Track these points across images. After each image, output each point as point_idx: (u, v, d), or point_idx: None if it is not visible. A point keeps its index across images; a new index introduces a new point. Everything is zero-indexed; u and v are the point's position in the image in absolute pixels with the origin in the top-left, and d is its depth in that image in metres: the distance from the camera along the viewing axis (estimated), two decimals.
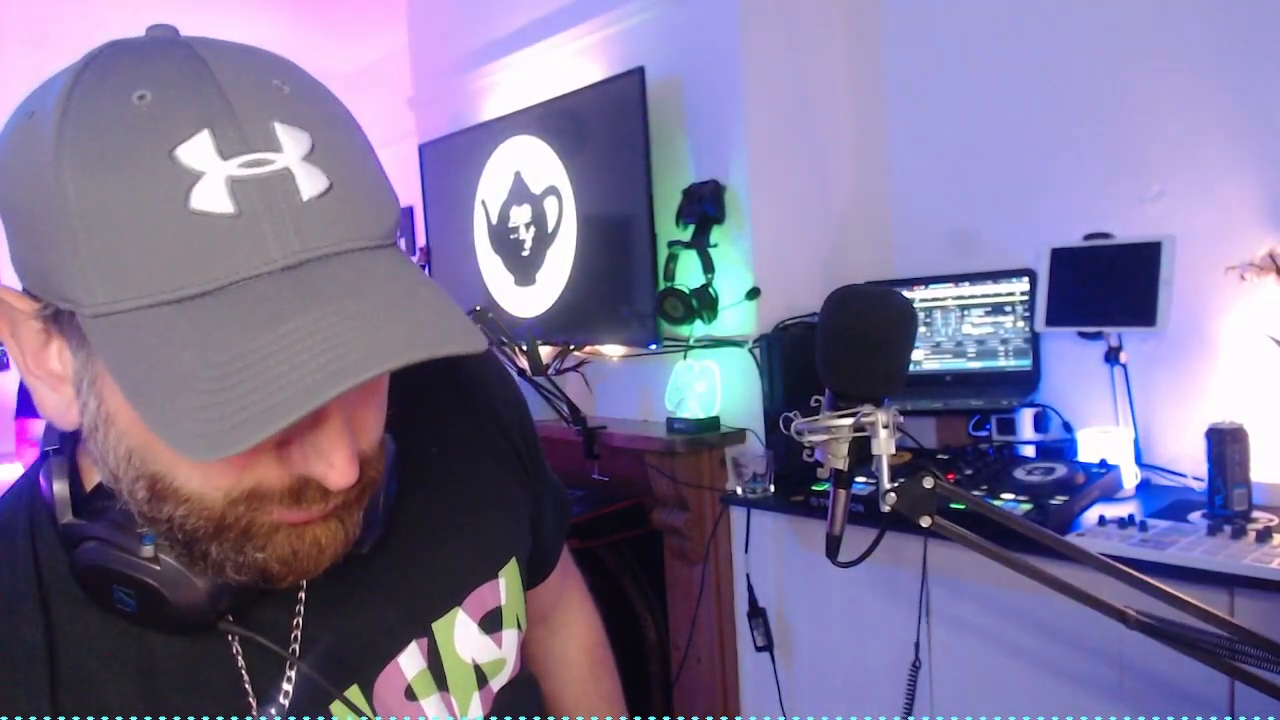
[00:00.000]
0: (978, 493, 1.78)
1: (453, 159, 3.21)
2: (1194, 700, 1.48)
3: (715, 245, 2.36)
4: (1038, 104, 2.13)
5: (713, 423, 2.37)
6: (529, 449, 0.80)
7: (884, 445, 0.72)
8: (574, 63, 2.78)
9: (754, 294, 2.33)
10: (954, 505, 0.78)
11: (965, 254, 2.25)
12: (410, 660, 0.65)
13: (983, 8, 2.22)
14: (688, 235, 2.36)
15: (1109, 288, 1.88)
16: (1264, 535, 1.49)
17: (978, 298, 2.16)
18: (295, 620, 0.61)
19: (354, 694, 0.62)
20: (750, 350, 2.33)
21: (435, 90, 3.48)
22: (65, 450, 0.57)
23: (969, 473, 1.89)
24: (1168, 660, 1.44)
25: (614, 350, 2.73)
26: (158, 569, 0.53)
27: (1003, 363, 2.13)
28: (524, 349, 2.63)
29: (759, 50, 2.33)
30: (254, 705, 0.58)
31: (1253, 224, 1.82)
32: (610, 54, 2.66)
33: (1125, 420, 1.96)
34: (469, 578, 0.70)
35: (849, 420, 0.73)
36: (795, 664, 2.22)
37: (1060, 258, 1.96)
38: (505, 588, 0.73)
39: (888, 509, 0.72)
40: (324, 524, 0.53)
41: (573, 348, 2.73)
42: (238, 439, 0.41)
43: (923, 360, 2.23)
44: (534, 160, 2.83)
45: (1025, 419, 2.01)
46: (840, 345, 0.74)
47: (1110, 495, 1.81)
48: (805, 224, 2.42)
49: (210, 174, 0.44)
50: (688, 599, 2.45)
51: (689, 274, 2.41)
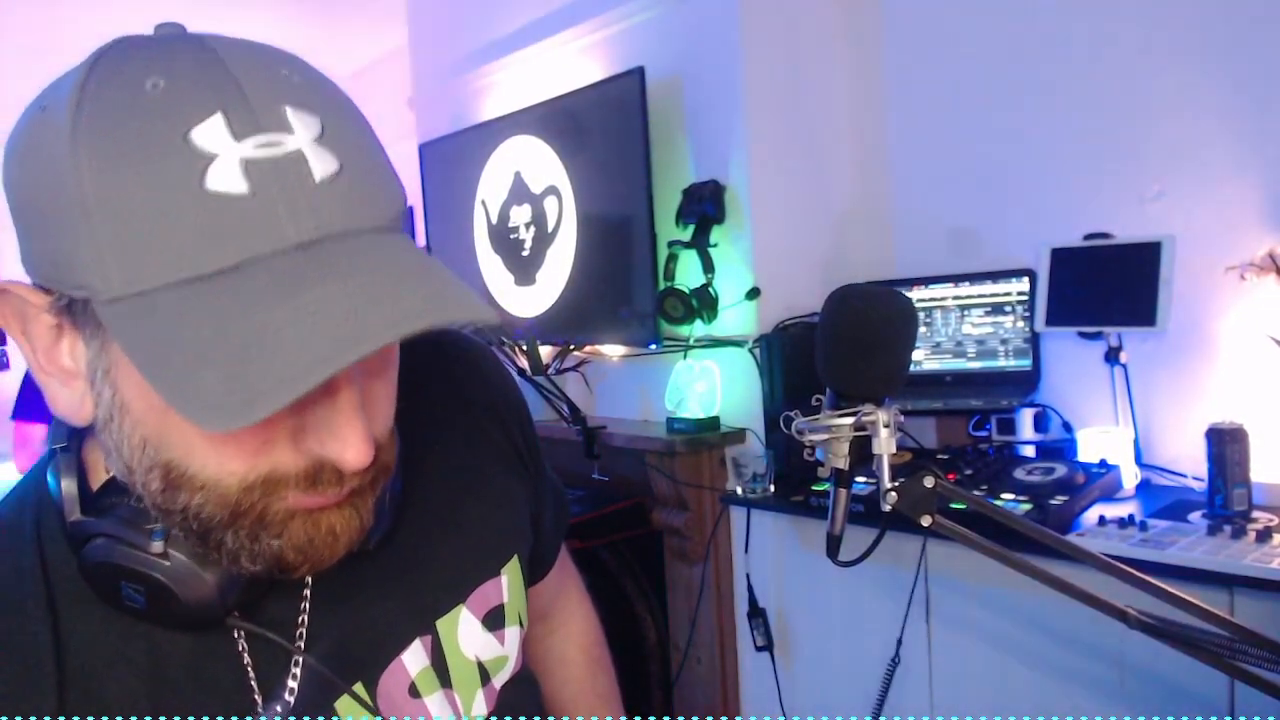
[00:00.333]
0: (978, 492, 1.79)
1: (453, 159, 3.21)
2: (1194, 700, 1.49)
3: (715, 245, 2.36)
4: (1038, 104, 2.13)
5: (713, 423, 2.38)
6: (529, 447, 0.80)
7: (885, 444, 0.72)
8: (574, 62, 2.79)
9: (754, 294, 2.33)
10: (954, 505, 0.78)
11: (965, 254, 2.26)
12: (414, 657, 0.65)
13: (983, 8, 2.22)
14: (688, 235, 2.37)
15: (1109, 288, 1.89)
16: (1264, 535, 1.50)
17: (977, 298, 2.16)
18: (300, 618, 0.61)
19: (359, 691, 0.62)
20: (750, 350, 2.33)
21: (435, 90, 3.48)
22: (73, 447, 0.57)
23: (969, 473, 1.89)
24: (1168, 660, 1.44)
25: (614, 350, 2.73)
26: (167, 564, 0.53)
27: (1003, 363, 2.13)
28: (524, 349, 2.63)
29: (759, 50, 2.33)
30: (259, 702, 0.58)
31: (1253, 224, 1.82)
32: (610, 54, 2.67)
33: (1125, 420, 1.96)
34: (472, 575, 0.71)
35: (850, 419, 0.73)
36: (795, 664, 2.22)
37: (1060, 258, 1.96)
38: (508, 585, 0.73)
39: (888, 508, 0.72)
40: (339, 511, 0.53)
41: (573, 347, 2.73)
42: (256, 408, 0.42)
43: (923, 360, 2.23)
44: (534, 160, 2.83)
45: (1025, 419, 2.02)
46: (841, 345, 0.74)
47: (1110, 495, 1.81)
48: (805, 224, 2.42)
49: (224, 155, 0.44)
50: (688, 599, 2.45)
51: (689, 274, 2.41)
